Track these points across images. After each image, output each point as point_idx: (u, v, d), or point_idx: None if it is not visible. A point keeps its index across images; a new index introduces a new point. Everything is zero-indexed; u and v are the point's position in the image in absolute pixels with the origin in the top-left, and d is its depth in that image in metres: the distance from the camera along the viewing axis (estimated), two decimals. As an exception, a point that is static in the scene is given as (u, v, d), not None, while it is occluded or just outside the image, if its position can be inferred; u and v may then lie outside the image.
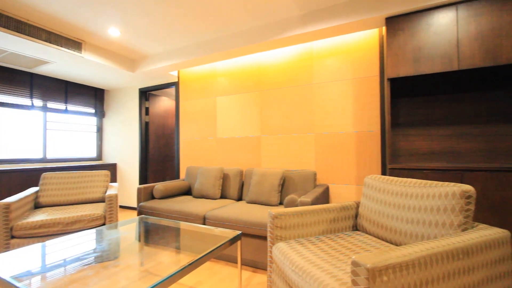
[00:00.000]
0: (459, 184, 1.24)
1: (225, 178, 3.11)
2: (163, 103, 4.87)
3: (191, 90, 3.85)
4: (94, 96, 4.75)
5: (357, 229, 1.75)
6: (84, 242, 1.70)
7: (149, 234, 1.88)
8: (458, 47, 2.04)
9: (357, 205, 1.78)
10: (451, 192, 1.23)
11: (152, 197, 3.05)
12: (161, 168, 4.78)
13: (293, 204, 2.03)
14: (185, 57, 3.36)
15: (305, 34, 2.64)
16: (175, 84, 4.06)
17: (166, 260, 1.43)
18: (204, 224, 2.45)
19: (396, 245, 1.42)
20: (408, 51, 2.20)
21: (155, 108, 4.66)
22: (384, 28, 2.59)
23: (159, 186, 2.93)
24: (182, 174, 3.90)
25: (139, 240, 1.76)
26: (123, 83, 4.42)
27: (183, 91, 3.94)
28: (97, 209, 2.51)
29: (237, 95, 3.44)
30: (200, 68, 3.77)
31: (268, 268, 1.57)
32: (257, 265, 2.20)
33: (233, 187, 3.03)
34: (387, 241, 1.48)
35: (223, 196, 3.08)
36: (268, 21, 2.78)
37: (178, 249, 1.61)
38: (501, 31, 1.93)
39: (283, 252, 1.38)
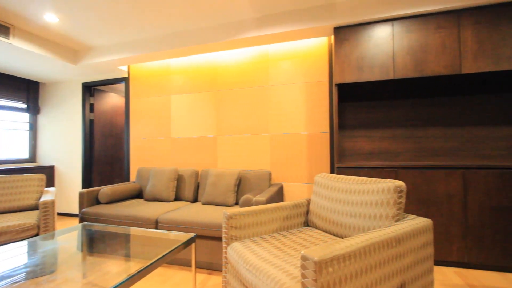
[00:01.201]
0: (393, 180, 1.40)
1: (179, 179, 3.01)
2: (111, 100, 4.50)
3: (143, 87, 3.64)
4: (26, 89, 4.17)
5: (308, 225, 1.86)
6: (12, 256, 1.49)
7: (94, 243, 1.72)
8: (394, 59, 2.30)
9: (308, 202, 1.88)
10: (387, 188, 1.38)
11: (98, 202, 2.80)
12: (109, 170, 4.41)
13: (248, 203, 2.06)
14: (136, 52, 3.17)
15: (260, 37, 2.70)
16: (125, 80, 3.79)
17: (114, 270, 1.33)
18: (156, 228, 2.34)
19: (342, 238, 1.54)
20: (353, 59, 2.41)
21: (101, 104, 4.28)
22: (332, 37, 2.78)
23: (106, 190, 2.70)
24: (133, 176, 3.66)
25: (81, 250, 1.61)
26: (62, 76, 3.97)
27: (134, 87, 3.69)
28: (28, 218, 2.21)
29: (193, 94, 3.36)
30: (153, 64, 3.58)
31: (223, 269, 1.57)
32: (213, 267, 2.18)
33: (188, 189, 2.95)
34: (334, 235, 1.60)
35: (177, 198, 2.98)
36: (224, 21, 2.78)
37: (127, 256, 1.51)
38: (427, 47, 2.24)
39: (237, 252, 1.39)
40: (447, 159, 2.50)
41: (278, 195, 2.55)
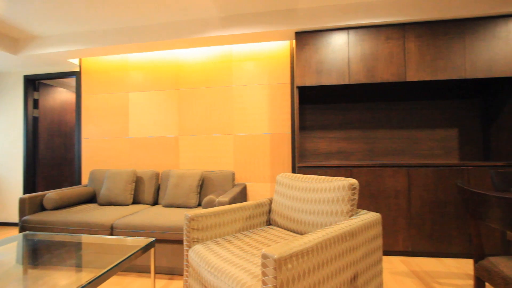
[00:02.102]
0: (348, 179, 1.50)
1: (138, 181, 2.86)
2: (60, 96, 4.10)
3: (98, 82, 3.38)
4: (-50, 81, 3.59)
5: (270, 224, 1.90)
6: None
7: (38, 254, 1.56)
8: (349, 65, 2.47)
9: (270, 201, 1.93)
10: (342, 186, 1.48)
11: (43, 209, 2.53)
12: (57, 174, 4.01)
13: (211, 204, 2.04)
14: (90, 44, 2.93)
15: (224, 36, 2.69)
16: (76, 74, 3.48)
17: (61, 282, 1.22)
18: (111, 234, 2.19)
19: (301, 234, 1.61)
20: (313, 63, 2.52)
21: (48, 100, 3.87)
22: (294, 41, 2.88)
23: (52, 195, 2.46)
24: (85, 179, 3.37)
25: (22, 263, 1.44)
26: (0, 67, 3.50)
27: (86, 83, 3.41)
28: (-46, 230, 1.91)
29: (153, 92, 3.22)
30: (109, 58, 3.34)
31: (185, 273, 1.54)
32: (174, 271, 2.12)
33: (148, 191, 2.82)
34: (295, 232, 1.66)
35: (136, 202, 2.82)
36: (187, 18, 2.71)
37: (78, 267, 1.39)
38: (377, 56, 2.44)
39: (199, 254, 1.37)
40: (394, 158, 2.76)
41: (242, 195, 2.57)
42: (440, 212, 2.30)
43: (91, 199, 2.91)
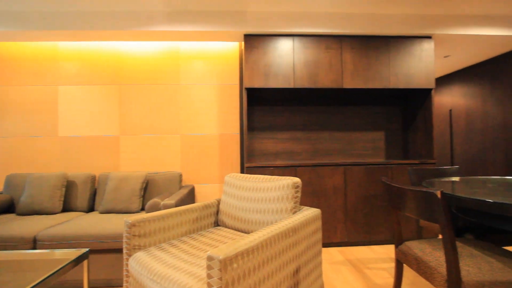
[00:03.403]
0: (292, 178, 1.59)
1: (70, 186, 2.55)
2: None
3: (17, 72, 2.89)
4: None
5: (218, 225, 1.90)
6: None
7: None
8: (294, 70, 2.61)
9: (218, 202, 1.92)
10: (286, 184, 1.56)
11: None
12: (-42, 179, 3.30)
13: (156, 208, 1.94)
14: (5, 26, 2.50)
15: (171, 32, 2.58)
16: (-14, 62, 2.93)
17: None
18: (35, 248, 1.91)
19: (248, 233, 1.65)
20: (261, 66, 2.60)
21: None
22: (243, 43, 2.93)
23: (-48, 206, 2.02)
24: (0, 186, 2.86)
25: None
26: None
27: (3, 72, 2.89)
28: None
29: (89, 87, 2.90)
30: (31, 44, 2.90)
31: (124, 284, 1.43)
32: (112, 283, 1.95)
33: (82, 197, 2.53)
34: (242, 232, 1.69)
35: (67, 209, 2.51)
36: (130, 8, 2.52)
37: (-14, 290, 1.18)
38: (318, 63, 2.63)
39: (141, 262, 1.30)
40: (333, 157, 3.02)
41: (189, 197, 2.50)
42: (371, 205, 2.60)
43: (8, 208, 2.49)
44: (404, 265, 1.85)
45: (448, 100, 4.33)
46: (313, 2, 2.49)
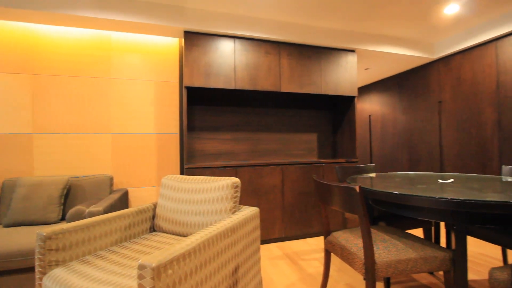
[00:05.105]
0: (231, 178, 1.61)
1: (-41, 196, 2.06)
2: None
3: None
4: None
5: (155, 230, 1.79)
6: None
7: None
8: (235, 71, 2.65)
9: (155, 206, 1.82)
10: (226, 185, 1.57)
11: None
12: None
13: (79, 217, 1.73)
14: None
15: (100, 20, 2.32)
16: None
17: None
18: None
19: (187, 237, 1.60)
20: (202, 65, 2.56)
21: None
22: (183, 40, 2.83)
23: None
24: None
25: None
26: None
27: None
28: None
29: (-11, 75, 2.40)
30: None
31: (37, 306, 1.23)
32: (22, 307, 1.66)
33: (-22, 208, 2.08)
34: (180, 235, 1.63)
35: (-46, 225, 2.03)
36: (45, -12, 2.18)
37: None
38: (258, 67, 2.73)
39: (58, 280, 1.14)
40: (272, 157, 3.17)
41: (122, 202, 2.30)
42: (305, 201, 2.82)
43: None
44: (332, 253, 2.06)
45: (368, 107, 4.99)
46: (254, 7, 2.57)
